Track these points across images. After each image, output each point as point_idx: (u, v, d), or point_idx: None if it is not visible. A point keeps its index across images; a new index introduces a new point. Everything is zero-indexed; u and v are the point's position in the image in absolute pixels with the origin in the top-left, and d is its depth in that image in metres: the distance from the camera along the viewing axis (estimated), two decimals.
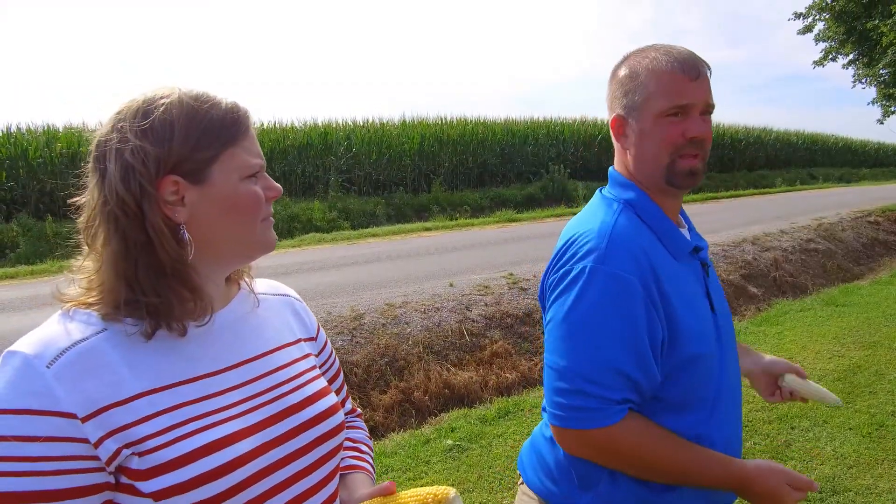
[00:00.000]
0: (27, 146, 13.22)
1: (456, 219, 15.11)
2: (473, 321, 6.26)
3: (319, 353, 1.30)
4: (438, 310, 6.33)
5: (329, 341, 1.36)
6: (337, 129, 18.69)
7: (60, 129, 14.59)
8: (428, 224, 13.92)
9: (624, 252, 1.34)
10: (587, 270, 1.34)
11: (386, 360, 5.43)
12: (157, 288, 0.98)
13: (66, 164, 13.16)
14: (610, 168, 1.55)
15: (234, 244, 1.06)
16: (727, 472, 1.35)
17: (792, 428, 4.30)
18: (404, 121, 20.63)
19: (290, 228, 13.00)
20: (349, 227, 13.83)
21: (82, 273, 1.02)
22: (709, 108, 1.42)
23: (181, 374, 0.99)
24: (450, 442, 4.27)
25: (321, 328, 1.34)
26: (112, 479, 0.92)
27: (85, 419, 0.89)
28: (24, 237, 11.07)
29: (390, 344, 5.59)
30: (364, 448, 1.36)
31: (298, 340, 1.23)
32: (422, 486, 3.64)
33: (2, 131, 13.88)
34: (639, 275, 1.33)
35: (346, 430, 1.23)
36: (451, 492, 1.08)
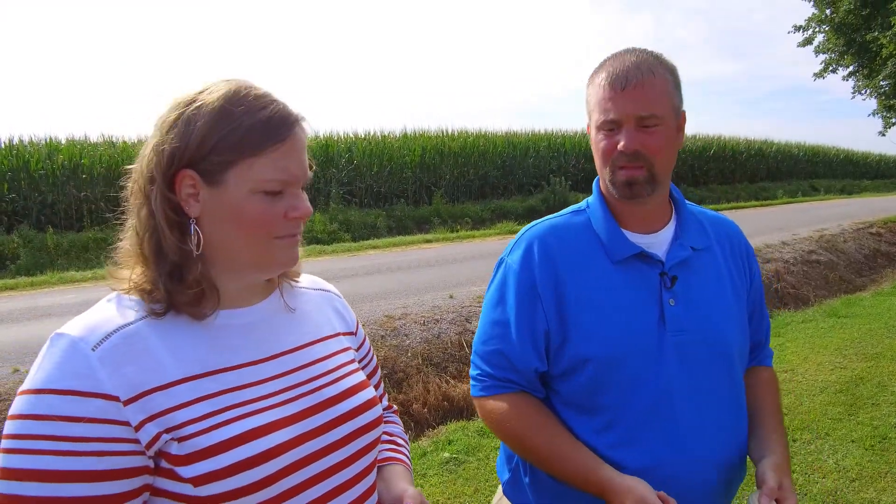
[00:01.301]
0: (29, 158, 13.25)
1: (457, 231, 15.10)
2: (473, 333, 6.22)
3: (359, 348, 1.32)
4: (438, 322, 6.31)
5: (367, 338, 1.38)
6: (338, 141, 18.72)
7: (63, 142, 14.63)
8: (429, 236, 13.91)
9: (524, 248, 1.49)
10: (499, 261, 1.56)
11: (385, 371, 5.40)
12: (159, 271, 1.01)
13: (67, 175, 13.19)
14: None
15: (243, 255, 1.05)
16: (589, 478, 1.33)
17: (793, 440, 4.25)
18: (405, 133, 20.67)
19: None
20: (350, 238, 13.82)
21: (123, 249, 1.05)
22: (644, 119, 1.36)
23: (221, 362, 1.02)
24: (447, 454, 4.23)
25: (360, 325, 1.36)
26: (151, 464, 0.94)
27: (127, 402, 0.91)
28: (24, 249, 11.06)
29: (389, 356, 5.56)
30: (400, 441, 1.37)
31: (337, 334, 1.25)
32: None
33: (4, 143, 13.92)
34: (531, 270, 1.45)
35: (383, 425, 1.23)
36: None
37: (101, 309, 1.00)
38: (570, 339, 1.42)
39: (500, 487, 1.66)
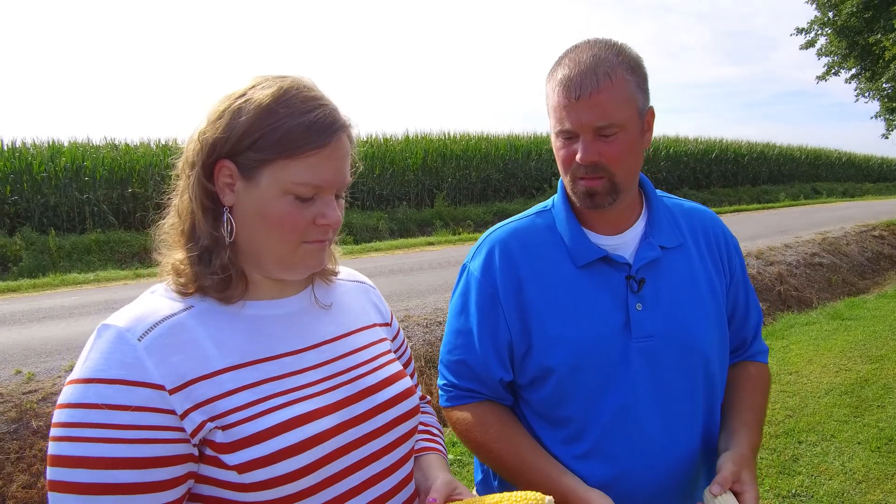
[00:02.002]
0: (31, 160, 13.24)
1: (459, 233, 15.09)
2: None
3: (394, 339, 1.33)
4: (440, 324, 6.29)
5: (402, 330, 1.39)
6: None
7: (65, 144, 14.64)
8: (431, 238, 13.90)
9: (486, 254, 1.45)
10: (462, 266, 1.51)
11: None
12: (192, 256, 1.04)
13: (69, 178, 13.19)
14: None
15: (268, 253, 1.06)
16: (550, 489, 1.28)
17: (799, 442, 4.23)
18: (407, 136, 20.65)
19: None
20: (352, 241, 13.81)
21: (166, 235, 1.08)
22: (602, 129, 1.27)
23: (263, 351, 1.04)
24: (450, 457, 4.21)
25: (394, 316, 1.37)
26: (196, 451, 0.96)
27: (172, 391, 0.93)
28: (26, 251, 11.06)
29: None
30: (435, 431, 1.39)
31: (374, 325, 1.27)
32: None
33: (6, 145, 13.93)
34: (492, 277, 1.41)
35: (420, 415, 1.24)
36: (547, 499, 1.06)
37: (146, 301, 1.02)
38: (533, 349, 1.38)
39: (474, 489, 1.64)
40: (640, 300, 1.36)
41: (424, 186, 18.65)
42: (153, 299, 1.03)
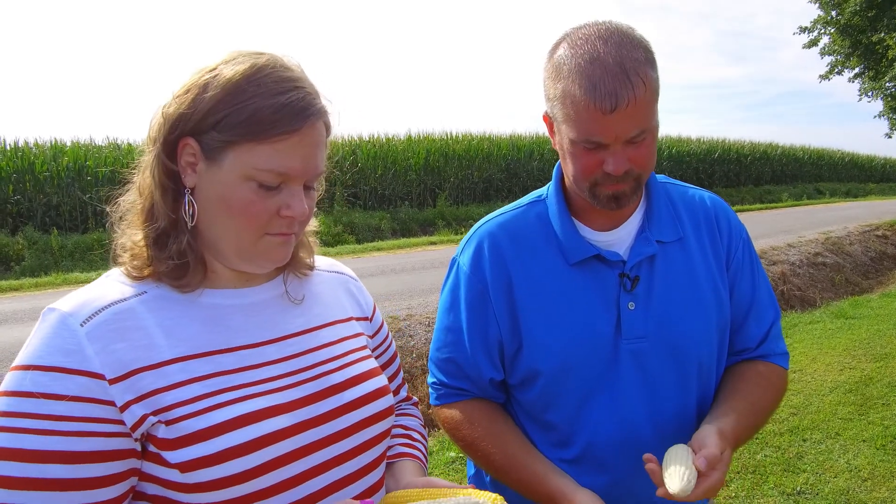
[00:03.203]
0: (34, 160, 13.26)
1: (461, 233, 15.07)
2: None
3: (374, 334, 1.26)
4: None
5: (386, 325, 1.31)
6: (342, 144, 18.68)
7: (68, 144, 14.65)
8: (433, 238, 13.89)
9: (475, 248, 1.39)
10: (451, 259, 1.46)
11: None
12: (148, 237, 0.97)
13: (72, 178, 13.20)
14: None
15: (229, 242, 0.99)
16: (540, 489, 1.24)
17: (804, 440, 4.21)
18: (409, 136, 20.62)
19: None
20: (354, 241, 13.80)
21: (126, 215, 1.02)
22: (635, 137, 1.17)
23: (219, 343, 0.97)
24: (452, 454, 4.19)
25: (378, 310, 1.30)
26: (138, 447, 0.90)
27: (113, 381, 0.87)
28: (29, 250, 11.06)
29: None
30: (416, 436, 1.31)
31: (350, 319, 1.19)
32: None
33: (9, 145, 13.94)
34: (482, 272, 1.35)
35: (396, 416, 1.18)
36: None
37: (97, 285, 0.96)
38: (523, 349, 1.33)
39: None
40: (633, 299, 1.30)
41: (427, 186, 18.64)
42: (105, 283, 0.96)
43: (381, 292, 7.52)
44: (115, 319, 0.90)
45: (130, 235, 1.00)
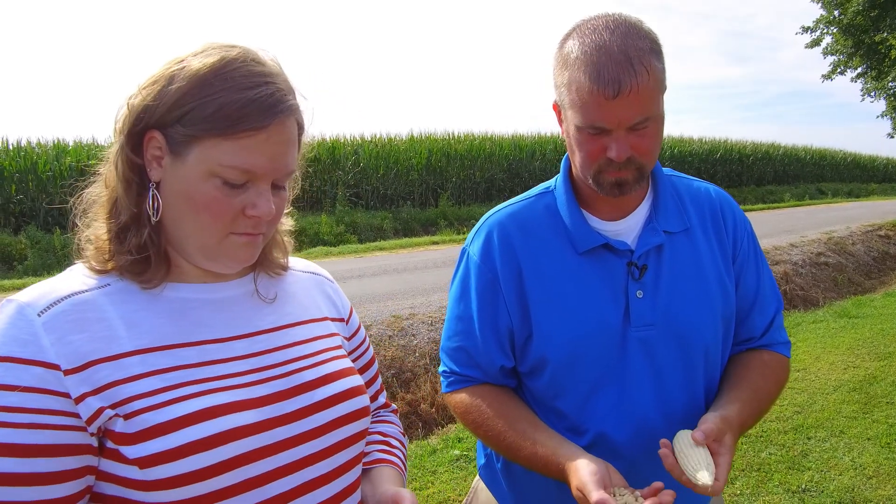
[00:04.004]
0: (37, 160, 13.28)
1: (463, 233, 15.06)
2: None
3: (351, 337, 1.23)
4: None
5: (363, 329, 1.28)
6: (345, 143, 18.71)
7: (70, 144, 14.67)
8: (435, 238, 13.88)
9: (484, 237, 1.41)
10: (461, 250, 1.48)
11: (392, 372, 5.37)
12: (111, 231, 0.95)
13: (75, 177, 13.18)
14: None
15: (192, 240, 0.96)
16: (549, 463, 1.23)
17: (808, 438, 4.20)
18: (412, 136, 20.63)
19: (297, 242, 12.94)
20: (356, 240, 13.80)
21: (84, 202, 1.01)
22: (638, 124, 1.20)
23: (183, 336, 0.94)
24: (456, 452, 4.20)
25: (354, 313, 1.27)
26: (94, 442, 0.86)
27: (68, 372, 0.84)
28: (32, 249, 11.07)
29: (397, 356, 5.53)
30: (395, 443, 1.27)
31: (325, 319, 1.16)
32: (427, 495, 3.60)
33: (12, 145, 13.96)
34: (492, 262, 1.37)
35: (374, 423, 1.15)
36: None
37: (60, 277, 0.94)
38: (533, 337, 1.35)
39: (477, 473, 1.62)
40: (642, 288, 1.32)
41: (429, 186, 18.65)
42: (68, 276, 0.94)
43: (383, 292, 7.53)
44: (75, 311, 0.87)
45: (95, 229, 0.98)
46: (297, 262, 1.21)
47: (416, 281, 8.26)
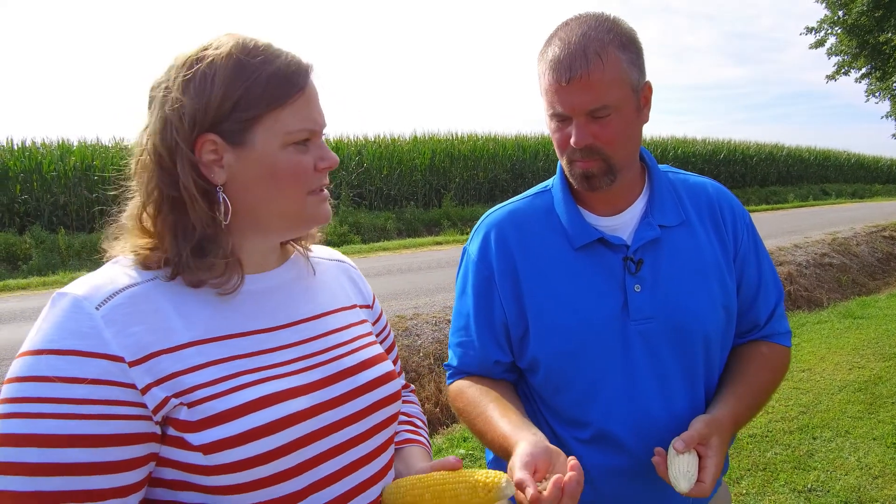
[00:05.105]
0: (41, 160, 13.31)
1: (466, 233, 15.04)
2: None
3: (375, 321, 1.27)
4: (449, 322, 6.25)
5: (384, 313, 1.33)
6: (348, 144, 18.74)
7: (74, 144, 14.70)
8: (439, 238, 13.90)
9: (482, 237, 1.45)
10: (463, 249, 1.52)
11: None
12: (178, 247, 0.94)
13: (79, 177, 13.24)
14: None
15: (277, 215, 1.01)
16: (504, 444, 1.22)
17: (814, 438, 4.20)
18: (415, 136, 20.65)
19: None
20: (360, 241, 13.81)
21: (127, 220, 1.00)
22: (595, 111, 1.24)
23: (234, 327, 0.97)
24: (462, 451, 4.20)
25: (376, 299, 1.32)
26: (158, 430, 0.88)
27: (133, 364, 0.85)
28: (36, 249, 11.10)
29: (401, 356, 5.53)
30: (419, 423, 1.32)
31: (354, 306, 1.20)
32: None
33: (17, 145, 14.00)
34: (488, 260, 1.40)
35: (401, 401, 1.18)
36: (503, 480, 0.99)
37: (107, 270, 0.94)
38: (530, 334, 1.37)
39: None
40: (639, 281, 1.33)
41: (432, 186, 18.66)
42: (114, 269, 0.94)
43: (387, 292, 7.53)
44: (130, 303, 0.88)
45: (145, 251, 0.97)
46: (321, 250, 1.25)
47: (419, 281, 8.27)
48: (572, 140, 1.26)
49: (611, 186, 1.32)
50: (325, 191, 1.04)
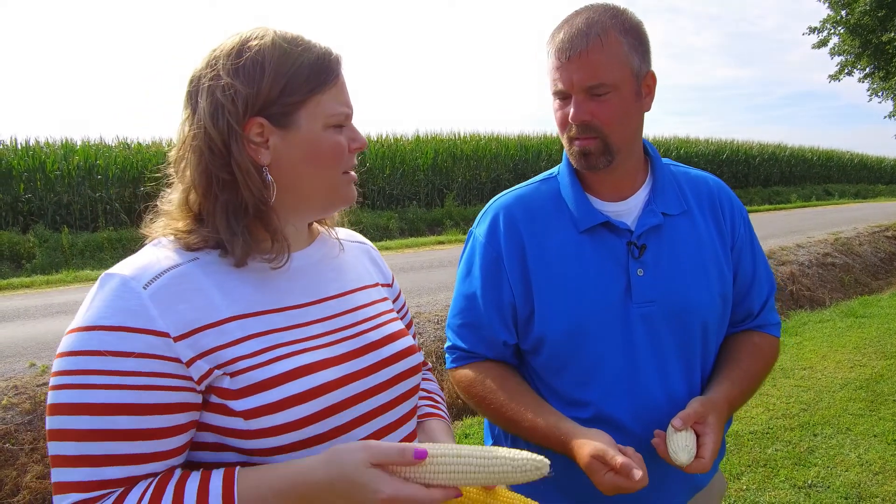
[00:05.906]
0: (45, 159, 13.35)
1: None
2: None
3: (395, 299, 1.33)
4: None
5: (402, 292, 1.39)
6: None
7: (78, 143, 14.74)
8: (441, 238, 13.90)
9: (490, 219, 1.48)
10: (468, 233, 1.54)
11: None
12: (232, 226, 1.00)
13: (82, 177, 13.28)
14: None
15: (315, 193, 1.08)
16: (550, 434, 1.29)
17: (815, 435, 4.21)
18: (418, 136, 20.64)
19: None
20: None
21: (170, 205, 1.05)
22: (593, 88, 1.29)
23: (270, 303, 1.03)
24: (457, 431, 4.22)
25: (395, 277, 1.38)
26: (200, 399, 0.95)
27: (178, 339, 0.92)
28: (40, 248, 11.14)
29: None
30: (438, 398, 1.38)
31: (376, 284, 1.27)
32: None
33: (21, 144, 14.04)
34: (497, 242, 1.43)
35: (421, 374, 1.24)
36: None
37: (149, 252, 1.00)
38: (535, 315, 1.40)
39: None
40: (642, 266, 1.38)
41: (434, 186, 18.66)
42: (157, 251, 1.00)
43: None
44: (174, 283, 0.95)
45: (191, 234, 1.02)
46: (342, 232, 1.30)
47: (421, 280, 8.28)
48: (570, 116, 1.31)
49: (609, 168, 1.36)
50: (354, 173, 1.11)
